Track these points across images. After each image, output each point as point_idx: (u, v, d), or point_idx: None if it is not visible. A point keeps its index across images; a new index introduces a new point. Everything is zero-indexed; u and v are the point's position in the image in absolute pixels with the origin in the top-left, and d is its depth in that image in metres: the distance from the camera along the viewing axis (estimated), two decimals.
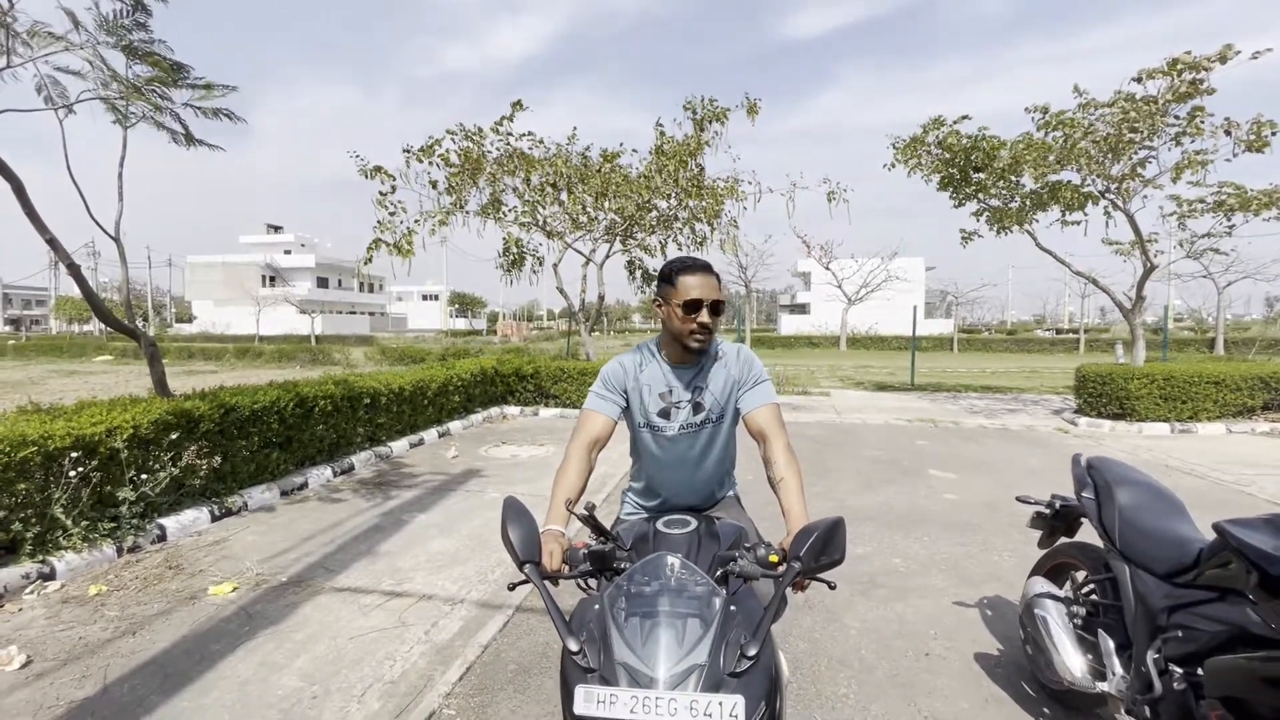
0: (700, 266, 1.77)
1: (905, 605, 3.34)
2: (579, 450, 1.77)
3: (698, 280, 1.75)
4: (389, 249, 7.94)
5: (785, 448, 1.75)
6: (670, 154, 9.16)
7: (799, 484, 1.66)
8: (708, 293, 1.74)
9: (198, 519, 4.43)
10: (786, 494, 1.64)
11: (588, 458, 1.78)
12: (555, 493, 1.68)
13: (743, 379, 1.87)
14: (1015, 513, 4.94)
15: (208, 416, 4.52)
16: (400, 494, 5.44)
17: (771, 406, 1.83)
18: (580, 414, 1.89)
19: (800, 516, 1.56)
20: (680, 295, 1.75)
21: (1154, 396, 8.62)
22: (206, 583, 3.56)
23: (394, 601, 3.37)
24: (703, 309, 1.74)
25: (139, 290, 59.60)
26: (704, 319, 1.74)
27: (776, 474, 1.70)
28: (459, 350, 18.61)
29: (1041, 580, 2.42)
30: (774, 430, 1.78)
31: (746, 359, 1.89)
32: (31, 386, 15.30)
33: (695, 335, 1.76)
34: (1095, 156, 7.85)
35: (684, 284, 1.76)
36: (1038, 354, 33.22)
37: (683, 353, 1.83)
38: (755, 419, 1.81)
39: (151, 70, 3.99)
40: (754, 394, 1.85)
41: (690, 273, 1.76)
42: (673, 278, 1.79)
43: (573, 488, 1.69)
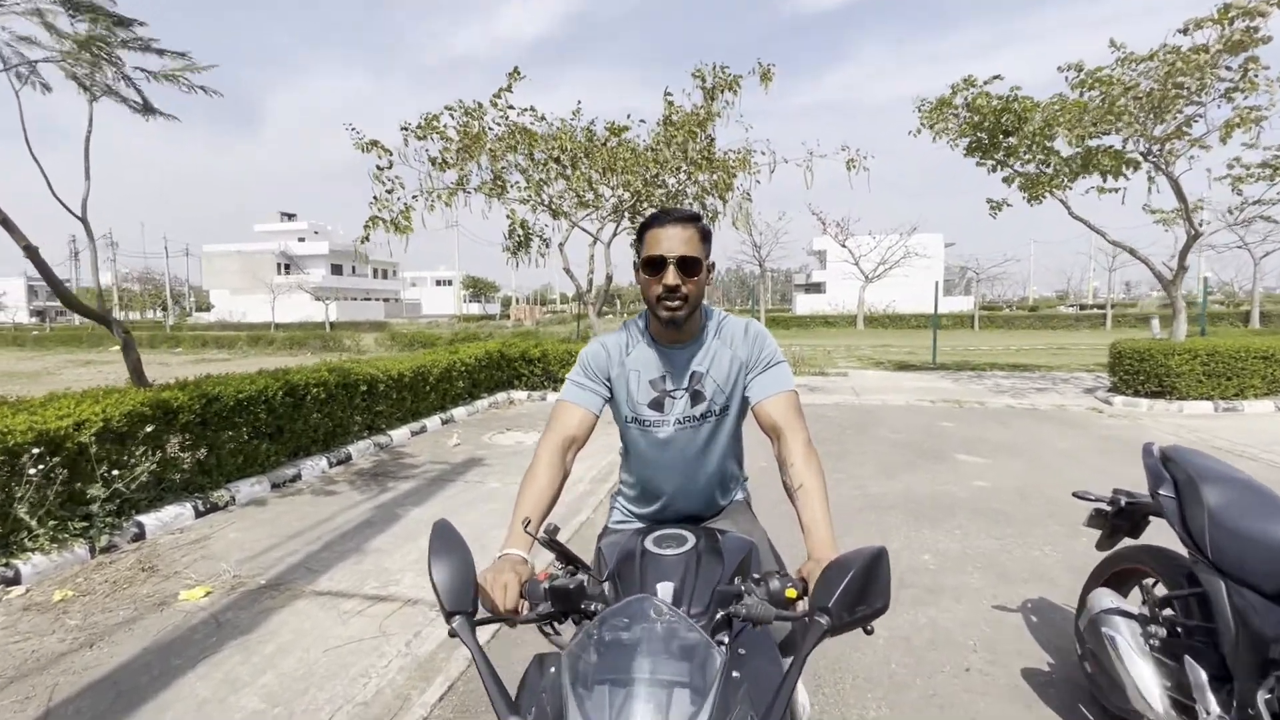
0: (673, 217, 1.42)
1: (938, 609, 3.00)
2: (550, 452, 1.44)
3: (665, 232, 1.40)
4: (386, 226, 7.63)
5: (805, 446, 1.40)
6: (679, 124, 8.71)
7: (823, 493, 1.31)
8: (674, 246, 1.39)
9: (180, 515, 4.20)
10: (808, 506, 1.29)
11: (561, 461, 1.45)
12: (518, 506, 1.35)
13: (752, 361, 1.52)
14: (1053, 500, 4.57)
15: (187, 407, 4.27)
16: (396, 485, 5.19)
17: (788, 395, 1.48)
18: (554, 406, 1.56)
19: (825, 541, 1.22)
20: (644, 253, 1.42)
21: (1196, 373, 8.11)
22: (179, 586, 3.32)
23: (376, 607, 3.10)
24: (667, 267, 1.39)
25: (158, 280, 60.26)
26: (669, 279, 1.39)
27: (794, 479, 1.35)
28: (469, 335, 18.40)
29: (1109, 594, 2.07)
30: (791, 424, 1.43)
31: (756, 336, 1.54)
32: (47, 376, 15.35)
33: (663, 302, 1.42)
34: (1137, 115, 7.27)
35: (649, 239, 1.42)
36: (1062, 330, 32.30)
37: (667, 329, 1.48)
38: (768, 410, 1.46)
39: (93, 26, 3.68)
40: (766, 379, 1.50)
41: (658, 224, 1.42)
42: (642, 234, 1.45)
43: (540, 500, 1.36)
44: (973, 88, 9.11)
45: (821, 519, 1.26)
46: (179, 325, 43.16)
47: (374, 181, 7.65)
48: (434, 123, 8.42)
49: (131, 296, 58.82)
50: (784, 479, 1.39)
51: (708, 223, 1.49)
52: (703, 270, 1.43)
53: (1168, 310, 9.95)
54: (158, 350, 24.58)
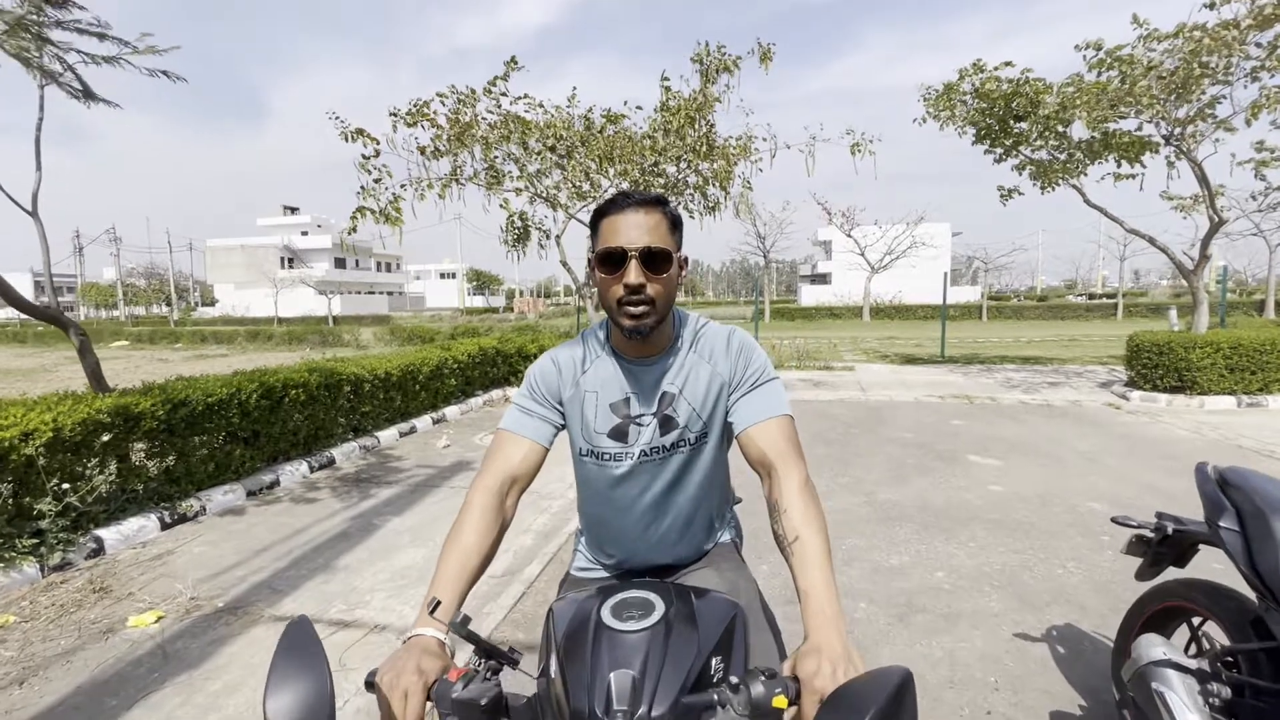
0: (634, 200, 1.13)
1: (955, 638, 2.73)
2: (484, 497, 1.16)
3: (625, 219, 1.12)
4: (374, 217, 7.35)
5: (802, 486, 1.10)
6: (676, 110, 8.38)
7: (824, 550, 1.02)
8: (636, 236, 1.10)
9: (144, 528, 3.96)
10: (805, 569, 1.00)
11: (498, 508, 1.16)
12: (438, 570, 1.07)
13: (736, 378, 1.23)
14: (1073, 508, 4.28)
15: (151, 413, 4.02)
16: (379, 492, 4.94)
17: (781, 422, 1.18)
18: (493, 437, 1.28)
19: (826, 618, 0.92)
20: (598, 245, 1.14)
21: (1219, 367, 7.76)
22: (130, 610, 3.08)
23: (339, 635, 2.85)
24: (628, 262, 1.10)
25: (162, 275, 60.26)
26: (631, 278, 1.10)
27: (788, 529, 1.06)
28: (468, 329, 18.14)
29: (1160, 642, 1.78)
30: (785, 458, 1.14)
31: (741, 349, 1.25)
32: (42, 373, 15.19)
33: (625, 307, 1.13)
34: (1159, 96, 6.89)
35: (604, 228, 1.14)
36: (1072, 321, 31.81)
37: (631, 339, 1.19)
38: (755, 440, 1.17)
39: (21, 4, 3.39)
40: (754, 401, 1.21)
41: (615, 209, 1.13)
42: (596, 223, 1.16)
43: (465, 564, 1.08)
44: (981, 73, 8.74)
45: (822, 586, 0.97)
46: (183, 320, 43.15)
47: (359, 171, 7.37)
48: (424, 109, 8.11)
49: (136, 292, 58.91)
50: (774, 528, 1.10)
51: (676, 207, 1.19)
52: (673, 265, 1.14)
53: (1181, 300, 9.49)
54: (158, 346, 24.47)
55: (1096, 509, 4.24)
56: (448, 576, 1.05)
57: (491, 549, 1.13)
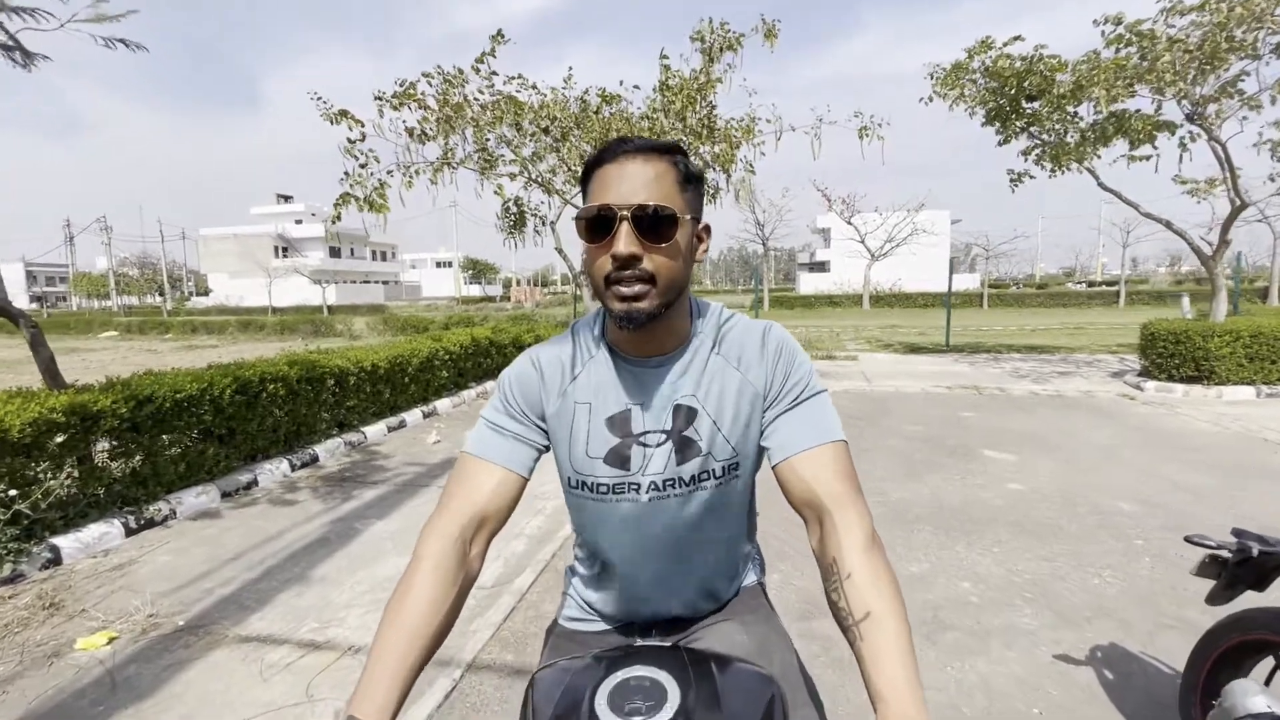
0: (633, 146, 0.85)
1: (988, 661, 2.47)
2: (442, 543, 0.87)
3: (619, 169, 0.84)
4: (359, 204, 7.01)
5: (869, 544, 0.80)
6: (677, 89, 8.02)
7: (905, 632, 0.72)
8: (630, 191, 0.82)
9: (106, 534, 3.68)
10: (878, 660, 0.70)
11: (460, 558, 0.87)
12: (374, 652, 0.78)
13: (774, 390, 0.94)
14: (1098, 508, 4.02)
15: (112, 412, 3.72)
16: (362, 492, 4.67)
17: (835, 450, 0.89)
18: (455, 464, 0.99)
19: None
20: (583, 206, 0.86)
21: (1238, 356, 7.50)
22: (81, 630, 2.80)
23: (309, 658, 2.58)
24: (618, 226, 0.82)
25: (154, 264, 59.64)
26: (621, 247, 0.82)
27: (853, 601, 0.76)
28: (463, 318, 17.82)
29: (1257, 690, 1.52)
30: (842, 502, 0.84)
31: (780, 351, 0.95)
32: (28, 365, 14.85)
33: (614, 286, 0.84)
34: (1183, 72, 6.56)
35: (594, 183, 0.86)
36: (1074, 308, 31.56)
37: (624, 328, 0.88)
38: (801, 475, 0.87)
39: None
40: (797, 421, 0.92)
41: (609, 158, 0.85)
42: (586, 178, 0.88)
43: (415, 634, 0.79)
44: (991, 50, 8.39)
45: (905, 689, 0.68)
46: (176, 310, 42.69)
47: (344, 155, 7.02)
48: (410, 91, 7.74)
49: (129, 282, 58.29)
50: (830, 595, 0.80)
51: (692, 160, 0.90)
52: (680, 230, 0.85)
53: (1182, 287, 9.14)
54: (148, 336, 24.10)
55: (1125, 509, 3.98)
56: (385, 664, 0.76)
57: (448, 619, 0.84)
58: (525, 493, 0.98)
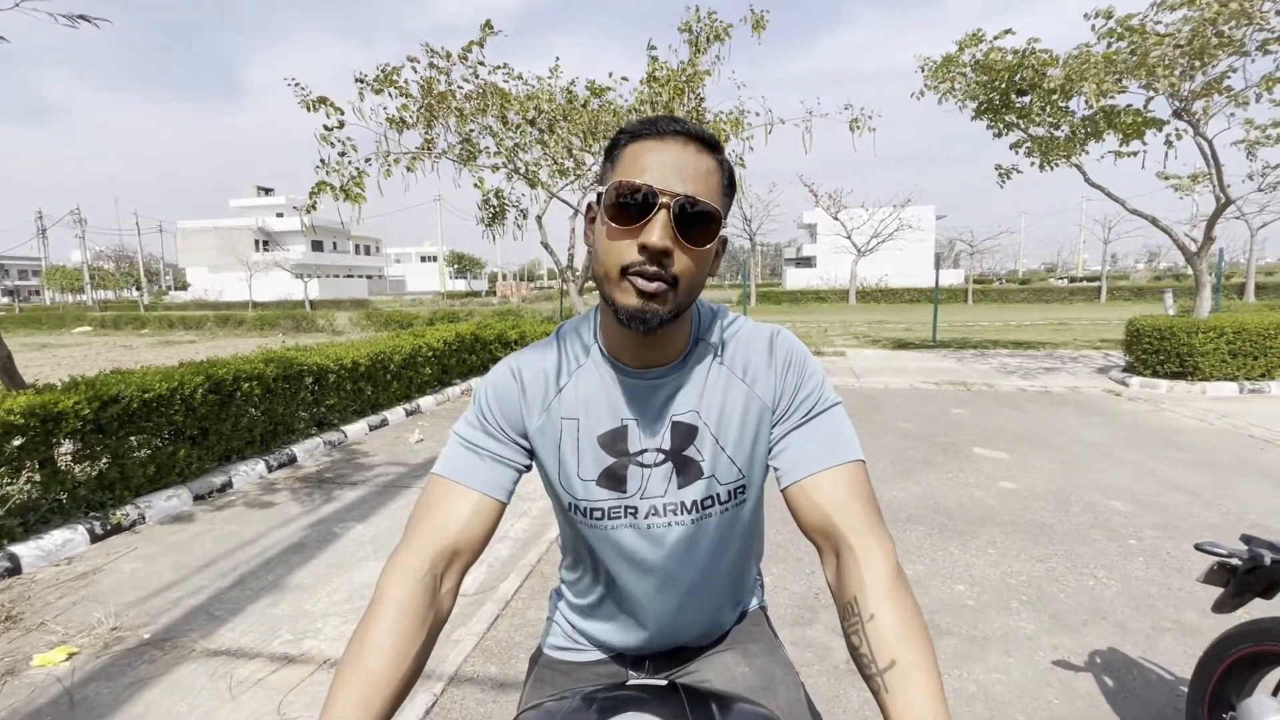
0: (681, 128, 0.74)
1: (986, 669, 2.41)
2: (408, 581, 0.75)
3: (663, 152, 0.72)
4: (335, 194, 6.82)
5: (894, 579, 0.71)
6: (664, 81, 7.90)
7: (936, 681, 0.63)
8: (678, 178, 0.72)
9: (70, 541, 3.51)
10: (908, 713, 0.62)
11: (429, 597, 0.76)
12: (333, 699, 0.66)
13: (784, 403, 0.85)
14: (1092, 506, 3.99)
15: (74, 413, 3.55)
16: (342, 494, 4.52)
17: (852, 471, 0.80)
18: (425, 488, 0.88)
19: None
20: (615, 181, 0.74)
21: (1221, 352, 7.56)
22: (39, 645, 2.65)
23: (282, 673, 2.46)
24: (654, 214, 0.71)
25: (131, 257, 58.41)
26: (655, 238, 0.71)
27: (876, 645, 0.67)
28: (448, 314, 17.59)
29: (1275, 710, 1.45)
30: (862, 530, 0.75)
31: (790, 360, 0.86)
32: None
33: (630, 277, 0.73)
34: (1171, 67, 6.55)
35: (627, 157, 0.74)
36: (1056, 304, 31.91)
37: (632, 328, 0.75)
38: (814, 499, 0.78)
39: None
40: (810, 438, 0.82)
41: (653, 133, 0.74)
42: (615, 152, 0.76)
43: (379, 683, 0.67)
44: (981, 44, 8.35)
45: None
46: (154, 305, 41.84)
47: (320, 143, 6.81)
48: (393, 77, 7.53)
49: (105, 275, 57.05)
50: (850, 638, 0.71)
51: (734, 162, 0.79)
52: (714, 237, 0.75)
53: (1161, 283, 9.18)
54: (123, 332, 23.57)
55: (1118, 509, 3.96)
56: (347, 703, 0.65)
57: (415, 667, 0.73)
58: None
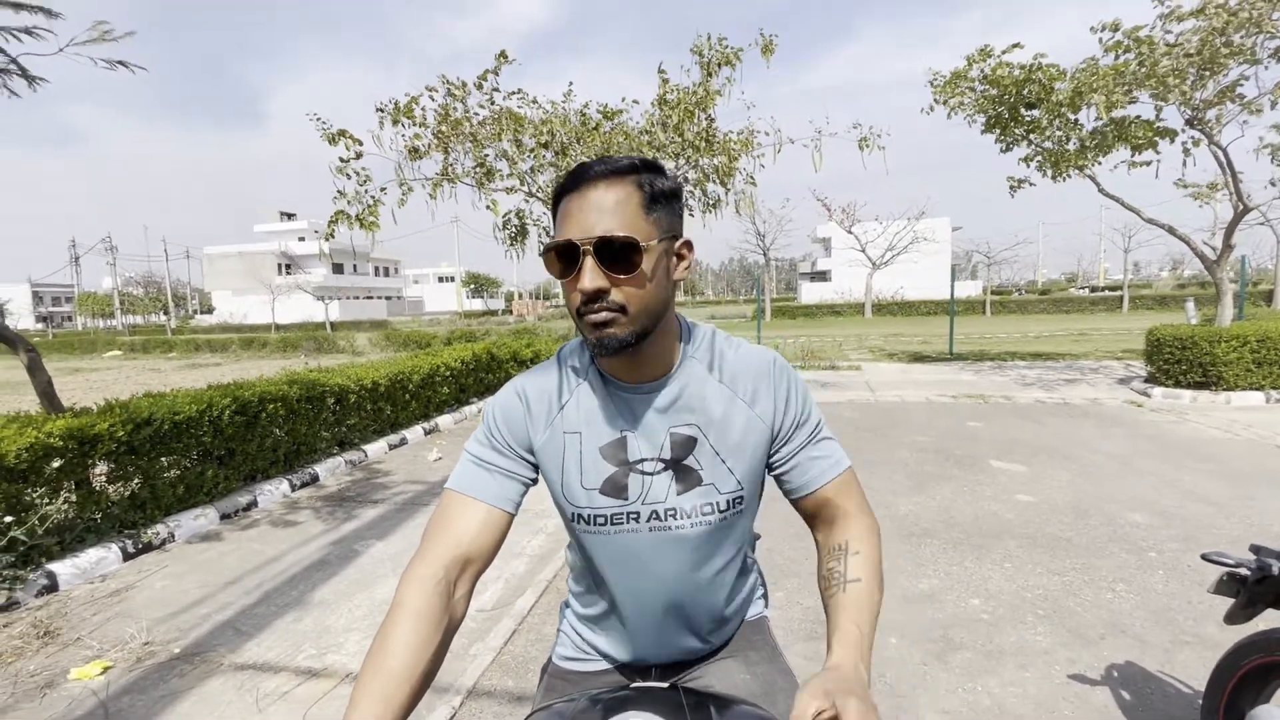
0: (594, 171, 0.81)
1: (1001, 681, 2.40)
2: (424, 587, 0.82)
3: (581, 199, 0.80)
4: (350, 222, 7.02)
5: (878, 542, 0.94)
6: (674, 104, 8.05)
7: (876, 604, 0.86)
8: (592, 222, 0.79)
9: (103, 560, 3.63)
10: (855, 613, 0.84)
11: (444, 603, 0.83)
12: (356, 698, 0.73)
13: (788, 428, 0.93)
14: (1112, 520, 3.95)
15: (109, 435, 3.70)
16: (362, 512, 4.62)
17: (847, 477, 0.95)
18: (439, 502, 0.95)
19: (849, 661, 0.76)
20: (547, 242, 0.84)
21: (1245, 361, 7.43)
22: (76, 659, 2.76)
23: (306, 686, 2.53)
24: (582, 262, 0.79)
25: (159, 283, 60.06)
26: (585, 282, 0.79)
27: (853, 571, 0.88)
28: (465, 333, 17.83)
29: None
30: (851, 510, 0.94)
31: (791, 388, 0.94)
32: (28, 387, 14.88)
33: (584, 317, 0.81)
34: (1181, 77, 6.55)
35: (560, 213, 0.83)
36: (1077, 314, 31.44)
37: (601, 353, 0.84)
38: (819, 504, 0.95)
39: None
40: (814, 459, 0.93)
41: (573, 186, 0.81)
42: (556, 205, 0.85)
43: (398, 682, 0.74)
44: (989, 58, 8.41)
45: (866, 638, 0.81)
46: (181, 329, 42.87)
47: (336, 175, 7.02)
48: (410, 109, 7.78)
49: (134, 301, 58.67)
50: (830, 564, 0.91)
51: (666, 177, 0.86)
52: (646, 258, 0.80)
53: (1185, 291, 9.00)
54: (152, 355, 24.19)
55: (1138, 521, 3.91)
56: (365, 713, 0.72)
57: (431, 666, 0.80)
58: (527, 512, 0.98)
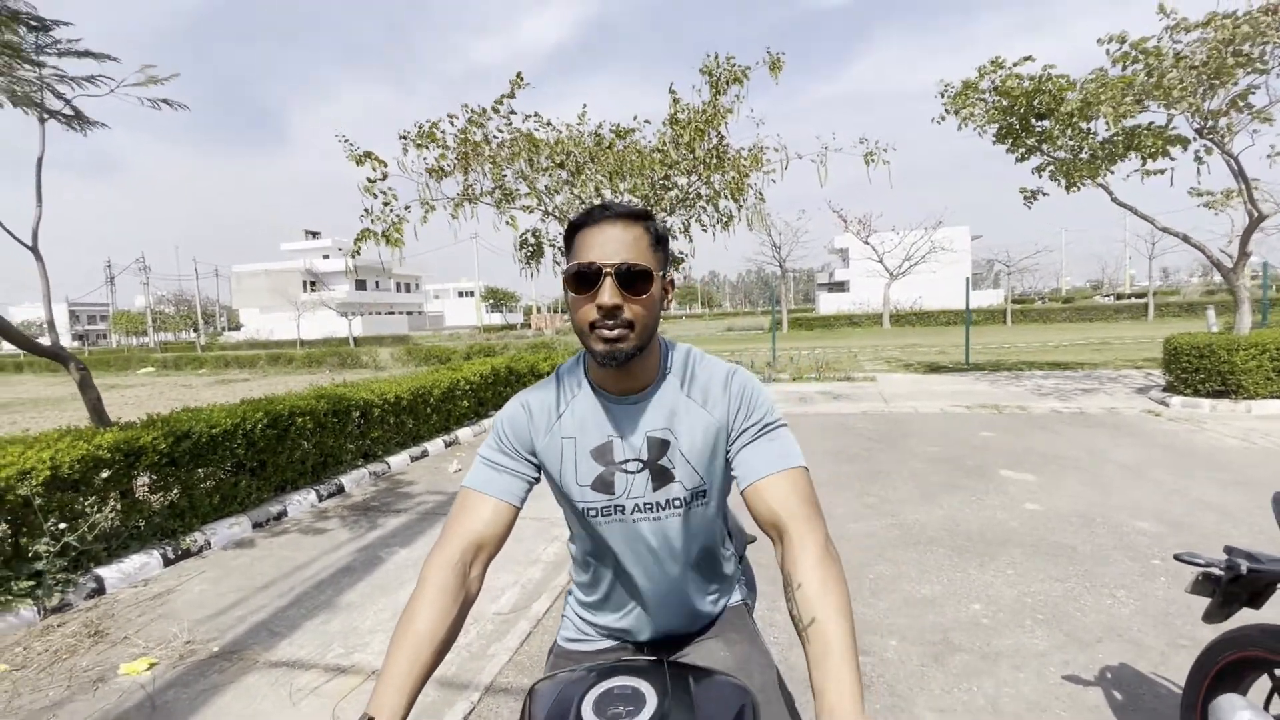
0: (613, 213, 1.00)
1: (996, 682, 2.49)
2: (444, 569, 0.99)
3: (601, 233, 0.98)
4: (376, 239, 7.32)
5: (821, 556, 0.91)
6: (685, 123, 8.26)
7: (846, 638, 0.82)
8: (613, 251, 0.96)
9: (146, 565, 3.86)
10: (821, 660, 0.81)
11: (460, 581, 0.99)
12: (387, 663, 0.91)
13: (737, 424, 1.07)
14: (1118, 529, 3.99)
15: (152, 447, 3.94)
16: (386, 521, 4.81)
17: (794, 475, 1.01)
18: (456, 498, 1.12)
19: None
20: (571, 261, 1.01)
21: (1265, 369, 7.35)
22: (124, 656, 2.96)
23: (335, 682, 2.70)
24: (603, 281, 0.96)
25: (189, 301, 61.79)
26: (606, 298, 0.96)
27: (803, 607, 0.87)
28: (484, 347, 18.16)
29: (1243, 705, 1.55)
30: (799, 519, 0.96)
31: (742, 390, 1.08)
32: (71, 402, 15.47)
33: (598, 331, 0.98)
34: (1189, 88, 6.60)
35: (578, 243, 1.00)
36: (1101, 323, 30.96)
37: (605, 367, 1.03)
38: (764, 498, 0.99)
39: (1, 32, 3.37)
40: (761, 451, 1.04)
41: (591, 222, 1.00)
42: (570, 238, 1.03)
43: (421, 648, 0.91)
44: (1000, 69, 8.50)
45: (842, 686, 0.78)
46: (210, 345, 44.04)
47: (363, 194, 7.35)
48: (433, 132, 8.10)
49: (166, 319, 60.40)
50: (788, 605, 0.92)
51: (662, 224, 1.05)
52: (655, 285, 1.00)
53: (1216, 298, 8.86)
54: (183, 372, 24.92)
55: (1144, 529, 3.95)
56: (395, 674, 0.89)
57: (450, 634, 0.96)
58: (543, 521, 1.13)
